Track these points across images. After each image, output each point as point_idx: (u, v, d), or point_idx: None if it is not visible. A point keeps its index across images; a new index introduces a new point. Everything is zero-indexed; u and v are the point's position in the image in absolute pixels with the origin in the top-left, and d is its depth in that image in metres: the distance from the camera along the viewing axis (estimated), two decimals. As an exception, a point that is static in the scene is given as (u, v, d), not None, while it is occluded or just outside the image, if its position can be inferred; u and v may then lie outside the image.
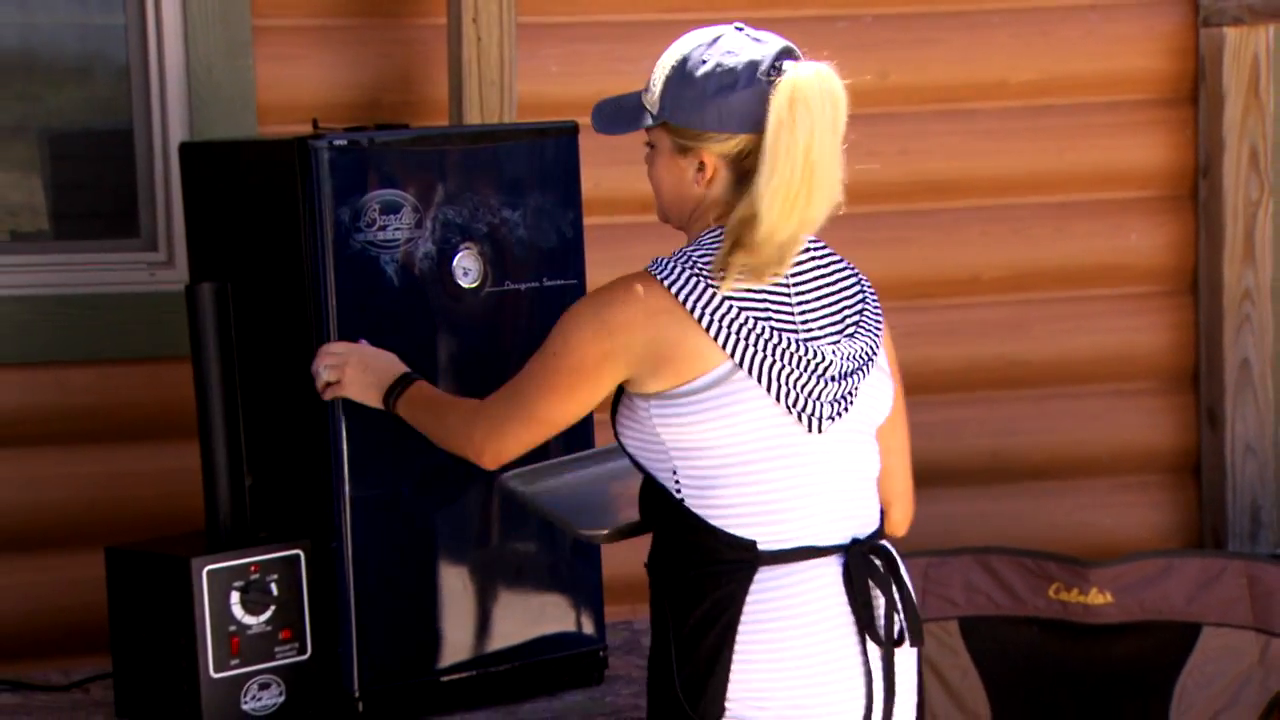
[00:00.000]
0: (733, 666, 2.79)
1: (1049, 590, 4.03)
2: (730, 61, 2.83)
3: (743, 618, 2.79)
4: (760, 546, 2.79)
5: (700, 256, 2.81)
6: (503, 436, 2.97)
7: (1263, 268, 4.63)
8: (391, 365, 3.25)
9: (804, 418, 2.80)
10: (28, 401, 4.05)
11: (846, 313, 2.87)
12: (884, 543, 2.91)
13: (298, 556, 3.44)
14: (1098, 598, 4.04)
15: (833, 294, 2.87)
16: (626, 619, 3.97)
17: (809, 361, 2.80)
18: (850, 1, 4.34)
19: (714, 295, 2.78)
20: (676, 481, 2.82)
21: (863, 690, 2.84)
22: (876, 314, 2.91)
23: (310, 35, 4.19)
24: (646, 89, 2.90)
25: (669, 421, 2.80)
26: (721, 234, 2.82)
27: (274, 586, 3.42)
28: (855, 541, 2.85)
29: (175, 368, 3.83)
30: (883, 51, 4.45)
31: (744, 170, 2.82)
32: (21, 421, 4.06)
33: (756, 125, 2.79)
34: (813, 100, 2.77)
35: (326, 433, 3.40)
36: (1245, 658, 4.00)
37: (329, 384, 3.30)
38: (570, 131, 3.64)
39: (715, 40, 2.87)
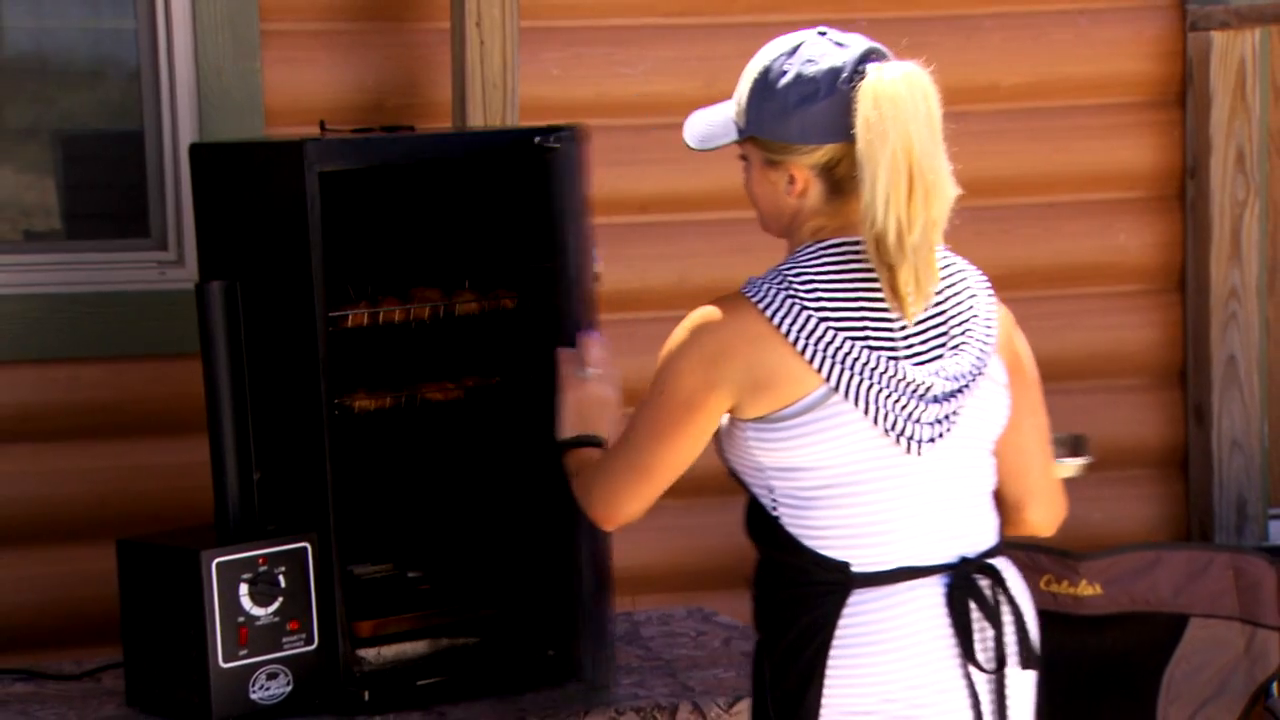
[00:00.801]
0: (825, 688, 2.71)
1: (1040, 582, 4.03)
2: (810, 70, 2.72)
3: (835, 640, 2.71)
4: (854, 568, 2.72)
5: (795, 276, 2.72)
6: (616, 494, 2.86)
7: (1249, 267, 4.63)
8: (593, 418, 3.07)
9: (902, 440, 2.70)
10: (41, 397, 4.06)
11: (954, 327, 2.76)
12: (996, 561, 2.80)
13: (305, 549, 3.44)
14: (1088, 589, 4.05)
15: (939, 308, 2.76)
16: (626, 610, 3.97)
17: (907, 384, 2.69)
18: (843, 7, 4.34)
19: (809, 318, 2.69)
20: (773, 500, 2.75)
21: (969, 715, 2.75)
22: (988, 321, 2.79)
23: (317, 39, 4.19)
24: (734, 102, 2.82)
25: (765, 445, 2.72)
26: (817, 249, 2.73)
27: (282, 578, 3.42)
28: (963, 560, 2.77)
29: (185, 364, 3.83)
30: (877, 55, 4.45)
31: (835, 179, 2.73)
32: (35, 417, 4.06)
33: (842, 134, 2.70)
34: (901, 100, 2.66)
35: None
36: (1231, 648, 4.00)
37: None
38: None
39: (796, 49, 2.76)
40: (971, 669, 2.74)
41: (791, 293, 2.70)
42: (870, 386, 2.69)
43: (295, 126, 4.05)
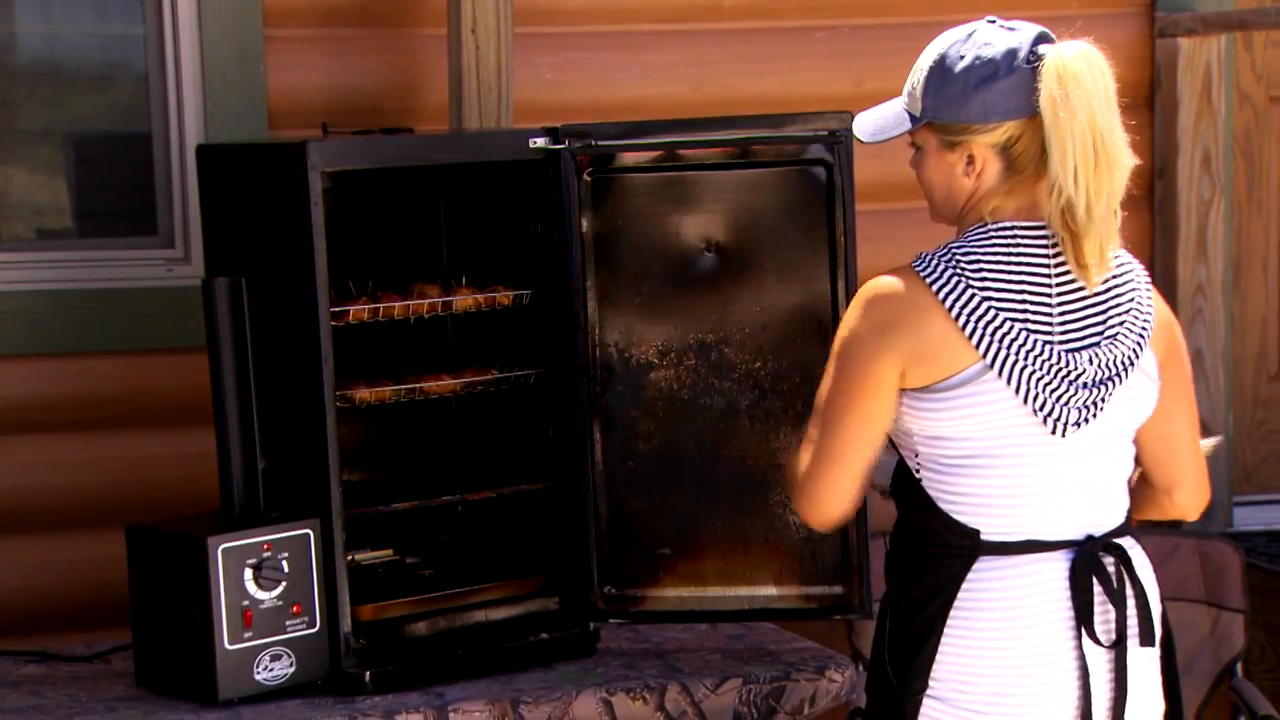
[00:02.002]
0: (941, 646, 2.74)
1: (1014, 567, 4.04)
2: (988, 53, 2.74)
3: (957, 602, 2.74)
4: (984, 536, 2.74)
5: (964, 254, 2.73)
6: (817, 490, 2.80)
7: (1214, 264, 4.64)
8: None
9: (1049, 421, 2.73)
10: (53, 390, 4.06)
11: (1113, 316, 2.77)
12: (1123, 540, 2.82)
13: (308, 535, 3.44)
14: (1060, 574, 4.05)
15: (1100, 296, 2.77)
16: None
17: (1061, 367, 2.71)
18: (827, 13, 4.35)
19: (973, 295, 2.71)
20: (917, 463, 2.78)
21: (1076, 689, 2.76)
22: (1145, 315, 2.81)
23: (318, 44, 4.19)
24: (906, 94, 2.82)
25: (916, 413, 2.74)
26: (989, 230, 2.74)
27: (285, 564, 3.42)
28: (1090, 539, 2.78)
29: (192, 358, 3.83)
30: (858, 60, 4.45)
31: (1012, 157, 2.75)
32: (47, 408, 4.06)
33: (1022, 111, 2.72)
34: (1082, 75, 2.70)
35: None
36: (1198, 630, 4.01)
37: None
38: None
39: (970, 35, 2.78)
40: (1087, 644, 2.76)
41: (958, 269, 2.72)
42: (1024, 367, 2.71)
43: (298, 128, 4.05)
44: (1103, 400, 2.75)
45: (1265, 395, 4.84)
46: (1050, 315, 2.74)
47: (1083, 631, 2.75)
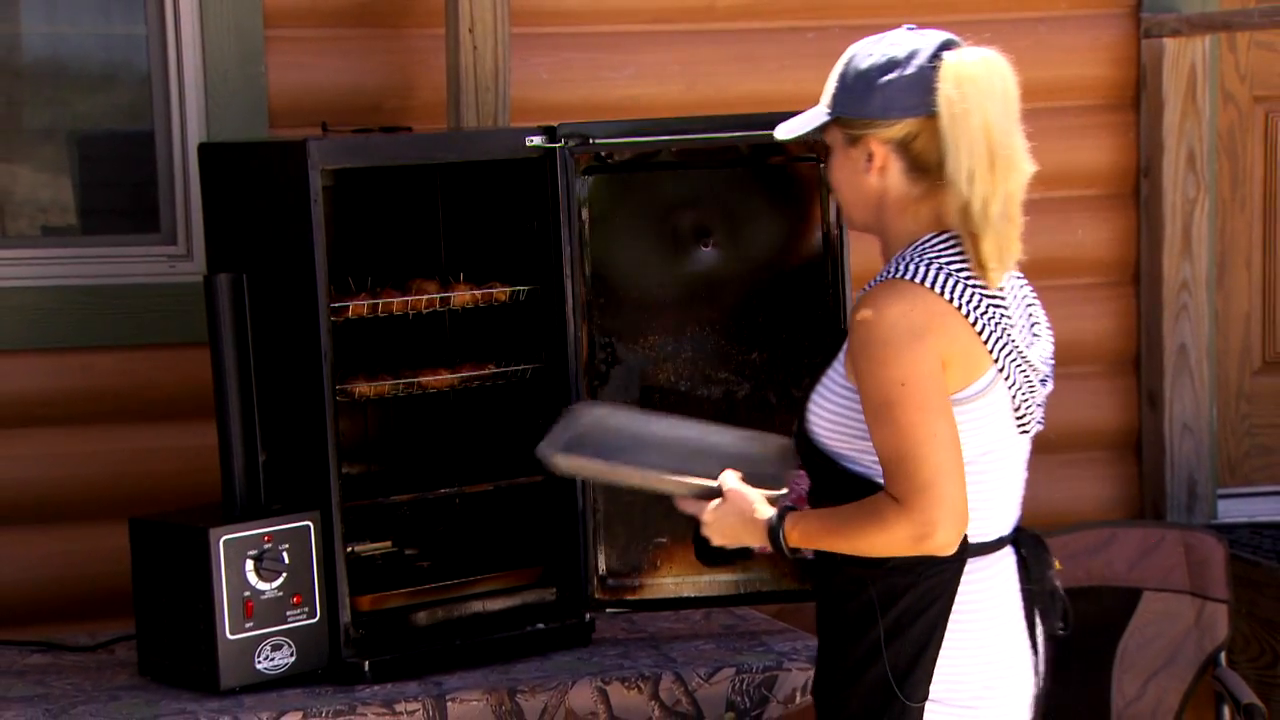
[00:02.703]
0: (942, 650, 2.72)
1: (1002, 558, 4.04)
2: (892, 52, 2.74)
3: (955, 605, 2.72)
4: (970, 539, 2.72)
5: (950, 263, 2.69)
6: (945, 503, 2.63)
7: (1199, 260, 4.64)
8: (753, 511, 2.79)
9: (1021, 422, 2.74)
10: (57, 384, 4.05)
11: (1033, 313, 2.80)
12: (1027, 530, 2.84)
13: (308, 527, 3.44)
14: (1047, 565, 4.05)
15: (1024, 297, 2.80)
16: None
17: (1029, 368, 2.73)
18: (819, 14, 4.34)
19: (979, 299, 2.68)
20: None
21: (1031, 670, 2.80)
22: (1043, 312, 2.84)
23: (318, 44, 4.19)
24: (823, 96, 2.81)
25: None
26: (946, 238, 2.72)
27: (286, 555, 3.42)
28: (1018, 530, 2.80)
29: (194, 353, 3.83)
30: (849, 60, 4.44)
31: (913, 155, 2.73)
32: (51, 402, 4.06)
33: (920, 109, 2.71)
34: (980, 79, 2.70)
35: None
36: (1182, 620, 4.01)
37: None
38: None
39: (882, 38, 2.79)
40: (1039, 632, 2.80)
41: (951, 273, 2.69)
42: (1020, 370, 2.71)
43: (298, 127, 4.05)
44: (1044, 398, 2.78)
45: (1249, 390, 4.85)
46: (1011, 312, 2.74)
47: (1036, 619, 2.78)
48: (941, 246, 2.72)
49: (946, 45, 2.75)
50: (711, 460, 2.84)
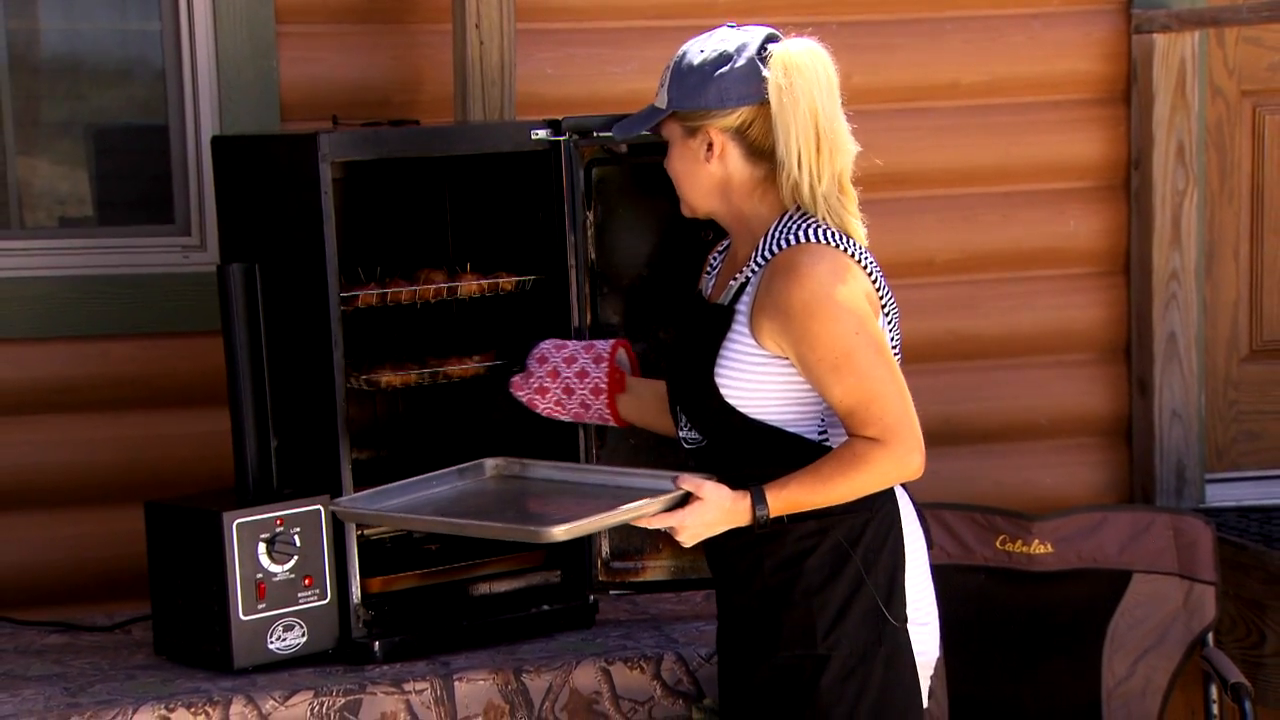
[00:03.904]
0: (906, 571, 2.85)
1: (996, 541, 4.04)
2: (722, 46, 2.84)
3: (905, 527, 2.85)
4: None
5: (816, 224, 2.80)
6: (915, 429, 2.78)
7: (1188, 251, 4.63)
8: (732, 500, 2.81)
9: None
10: (75, 371, 4.05)
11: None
12: None
13: (319, 511, 3.44)
14: (1039, 548, 4.05)
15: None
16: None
17: (895, 314, 2.87)
18: (817, 10, 4.33)
19: (861, 249, 2.82)
20: (822, 430, 2.82)
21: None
22: None
23: (329, 40, 4.18)
24: (656, 94, 2.90)
25: None
26: (803, 212, 2.82)
27: (297, 538, 3.42)
28: None
29: (208, 340, 3.83)
30: (846, 55, 4.39)
31: (750, 141, 2.82)
32: (69, 389, 4.05)
33: (753, 97, 2.80)
34: (805, 67, 2.80)
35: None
36: (1170, 602, 4.00)
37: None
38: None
39: (709, 36, 2.89)
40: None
41: (834, 232, 2.81)
42: (895, 315, 2.86)
43: (309, 120, 4.05)
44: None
45: (1236, 377, 4.84)
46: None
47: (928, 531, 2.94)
48: (811, 217, 2.83)
49: (771, 38, 2.85)
50: (612, 491, 2.93)
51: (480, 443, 3.88)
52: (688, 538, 2.83)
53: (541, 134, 3.58)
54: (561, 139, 3.58)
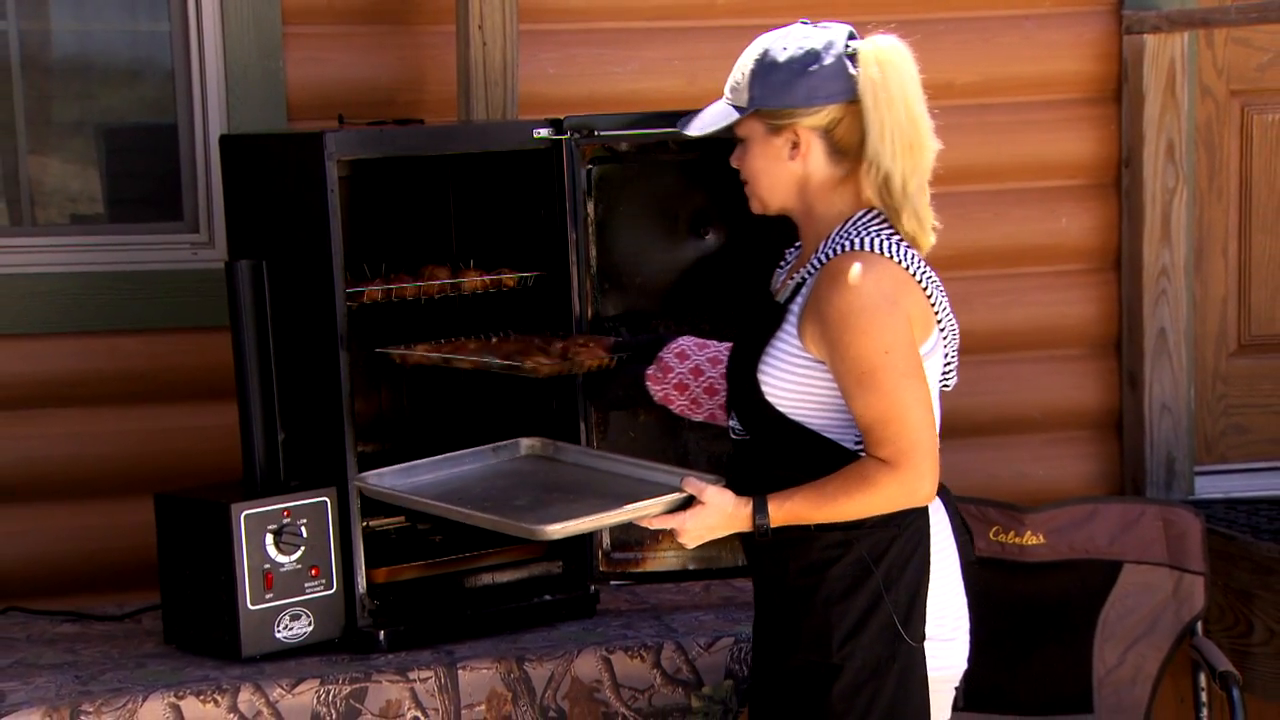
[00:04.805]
0: (930, 589, 2.79)
1: (989, 533, 4.04)
2: (808, 44, 2.77)
3: (933, 547, 2.79)
4: None
5: (879, 230, 2.75)
6: (930, 458, 2.73)
7: (1177, 248, 4.63)
8: (734, 506, 2.79)
9: (945, 379, 2.83)
10: (86, 366, 4.05)
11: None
12: None
13: (325, 503, 3.44)
14: (1031, 539, 4.05)
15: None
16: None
17: (953, 331, 2.82)
18: (815, 11, 4.31)
19: (920, 262, 2.77)
20: (859, 439, 2.75)
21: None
22: None
23: (334, 41, 4.17)
24: (730, 91, 2.83)
25: None
26: (872, 215, 2.77)
27: (304, 529, 3.42)
28: None
29: (216, 336, 3.83)
30: (842, 56, 4.43)
31: (834, 140, 2.77)
32: (80, 383, 4.05)
33: (842, 95, 2.75)
34: (899, 63, 2.76)
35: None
36: (1160, 591, 4.00)
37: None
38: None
39: (788, 33, 2.82)
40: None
41: (896, 243, 2.76)
42: (951, 331, 2.81)
43: (315, 120, 4.04)
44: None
45: (1225, 371, 4.84)
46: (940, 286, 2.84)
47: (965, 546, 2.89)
48: (875, 223, 2.78)
49: (850, 34, 2.81)
50: (630, 484, 2.91)
51: (484, 437, 3.87)
52: (689, 540, 2.81)
53: (543, 133, 3.58)
54: (563, 138, 3.58)
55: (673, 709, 3.49)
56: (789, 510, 2.76)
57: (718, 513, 2.78)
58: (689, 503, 2.79)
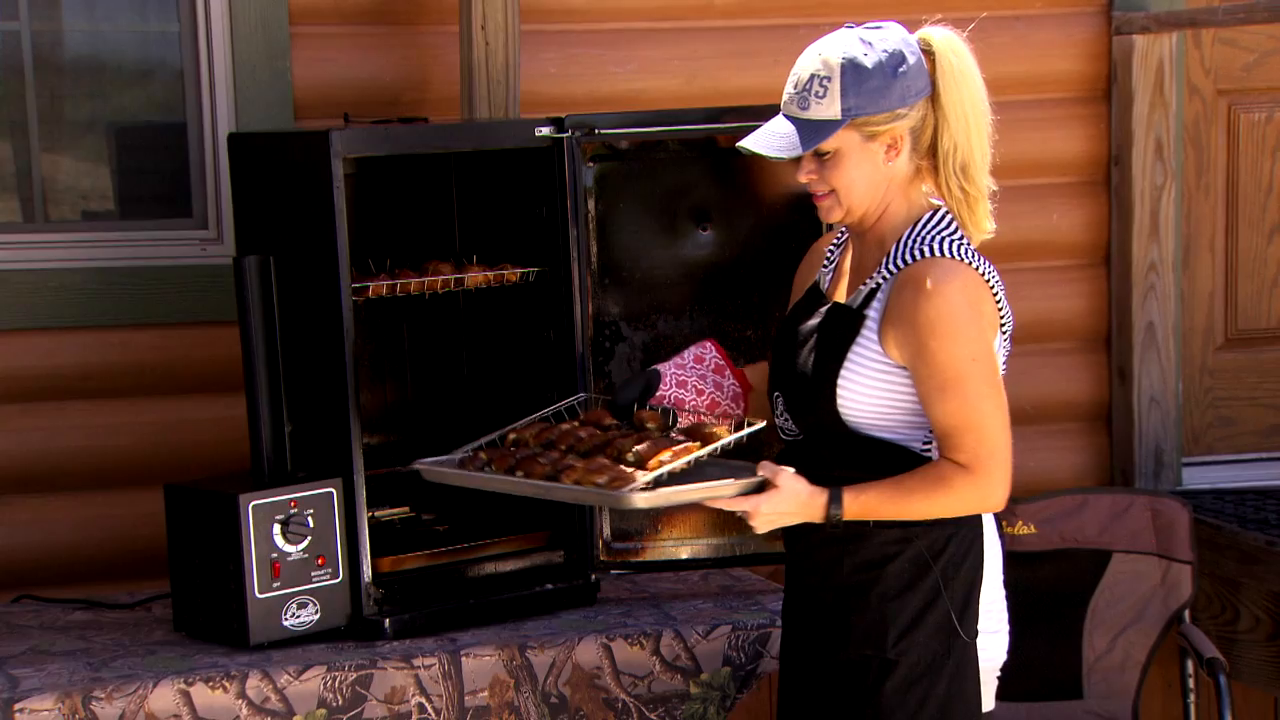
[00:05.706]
0: (983, 585, 2.78)
1: (981, 522, 4.03)
2: (887, 45, 2.73)
3: (985, 544, 2.78)
4: None
5: (952, 234, 2.74)
6: (1006, 466, 2.72)
7: (1166, 244, 4.63)
8: (809, 494, 2.76)
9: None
10: (97, 359, 4.05)
11: None
12: None
13: (331, 493, 3.44)
14: (1023, 529, 4.05)
15: None
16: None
17: (1010, 327, 2.80)
18: (811, 12, 4.33)
19: (989, 266, 2.74)
20: (928, 439, 2.74)
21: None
22: None
23: (340, 41, 4.17)
24: (811, 104, 2.72)
25: None
26: (941, 217, 2.75)
27: (310, 519, 3.42)
28: None
29: (224, 330, 3.82)
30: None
31: (916, 136, 2.75)
32: (92, 376, 4.05)
33: (926, 90, 2.74)
34: (964, 50, 2.77)
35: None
36: (1149, 580, 4.01)
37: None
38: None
39: (858, 38, 2.75)
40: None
41: (969, 248, 2.75)
42: (1009, 331, 2.79)
43: (321, 118, 4.04)
44: None
45: (1212, 365, 4.84)
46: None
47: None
48: (947, 228, 2.76)
49: (909, 30, 2.79)
50: (701, 465, 2.85)
51: (486, 431, 3.88)
52: (760, 524, 2.76)
53: (545, 131, 3.57)
54: (564, 136, 3.58)
55: (672, 695, 3.49)
56: (863, 504, 2.73)
57: (792, 498, 2.73)
58: (763, 486, 2.75)
